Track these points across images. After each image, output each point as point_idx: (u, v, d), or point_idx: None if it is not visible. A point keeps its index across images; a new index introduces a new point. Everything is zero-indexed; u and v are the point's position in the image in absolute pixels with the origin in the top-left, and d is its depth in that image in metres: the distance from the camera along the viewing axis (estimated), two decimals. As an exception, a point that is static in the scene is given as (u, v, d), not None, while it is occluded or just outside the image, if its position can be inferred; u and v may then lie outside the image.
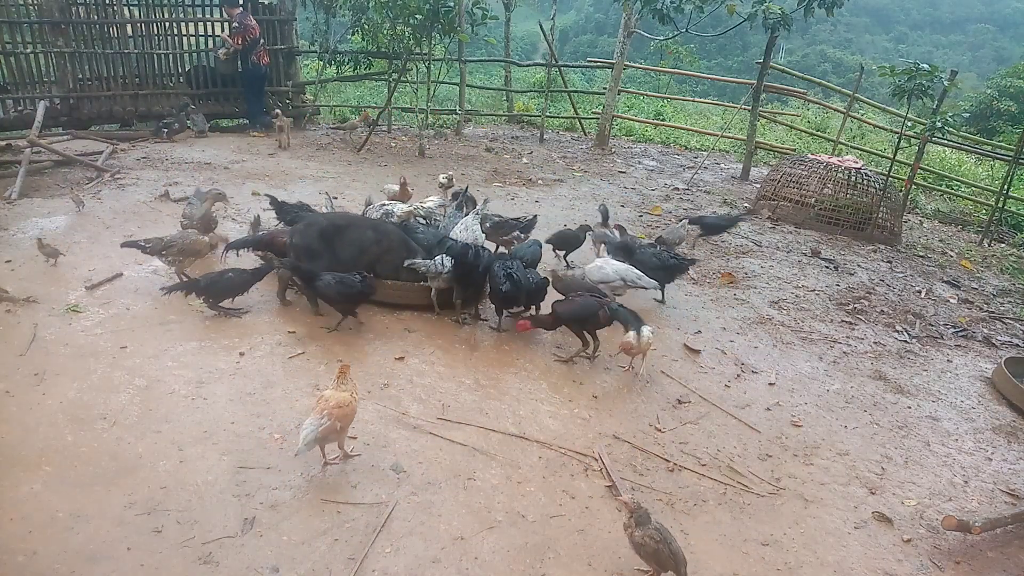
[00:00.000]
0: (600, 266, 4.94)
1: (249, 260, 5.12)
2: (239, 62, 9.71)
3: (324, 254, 4.51)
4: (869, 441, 4.03)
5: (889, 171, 8.76)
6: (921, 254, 8.01)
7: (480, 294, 4.77)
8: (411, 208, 5.56)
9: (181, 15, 9.97)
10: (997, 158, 10.97)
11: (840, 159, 8.76)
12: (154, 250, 4.62)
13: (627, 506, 2.74)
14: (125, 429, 3.26)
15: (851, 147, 11.81)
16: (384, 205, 5.61)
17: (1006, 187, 9.19)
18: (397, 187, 6.29)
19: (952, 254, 8.29)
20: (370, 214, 5.45)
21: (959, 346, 5.58)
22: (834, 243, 7.81)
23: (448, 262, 4.51)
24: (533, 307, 4.74)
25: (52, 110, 8.57)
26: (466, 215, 5.31)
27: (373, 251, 4.63)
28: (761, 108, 10.91)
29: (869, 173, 8.47)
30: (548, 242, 5.69)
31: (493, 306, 4.74)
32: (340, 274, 4.31)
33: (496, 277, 4.46)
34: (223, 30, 9.73)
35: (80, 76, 9.21)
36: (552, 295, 4.70)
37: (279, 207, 5.45)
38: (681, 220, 6.82)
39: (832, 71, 39.28)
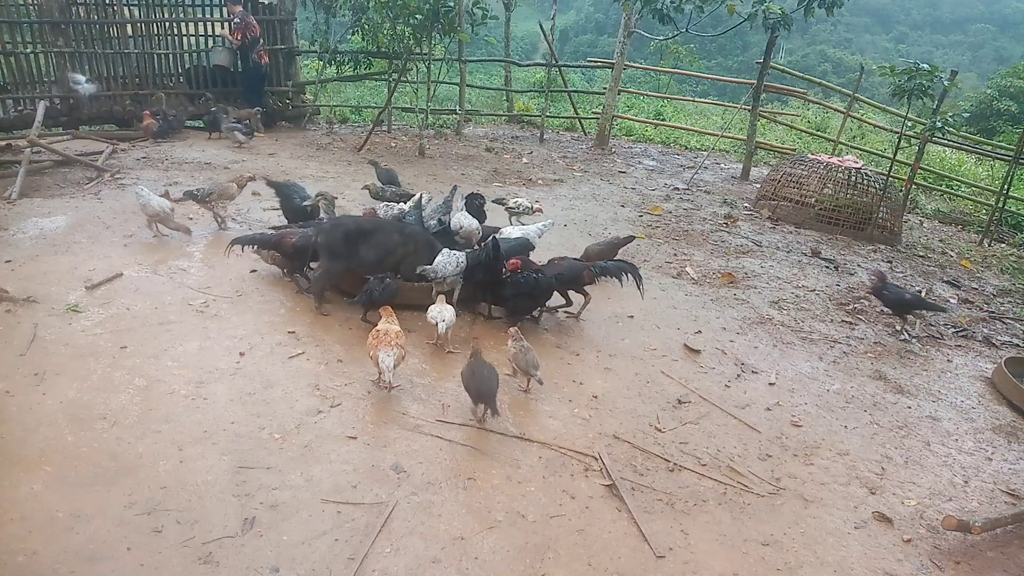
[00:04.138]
0: (462, 218, 5.46)
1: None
2: (239, 61, 9.73)
3: (347, 255, 4.53)
4: (869, 441, 4.03)
5: (889, 171, 8.75)
6: (921, 254, 8.01)
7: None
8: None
9: (181, 15, 9.97)
10: (997, 158, 10.96)
11: (840, 159, 8.76)
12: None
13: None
14: (125, 429, 3.26)
15: (851, 147, 11.81)
16: (390, 207, 5.65)
17: (1006, 187, 9.19)
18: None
19: (952, 254, 8.29)
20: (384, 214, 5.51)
21: (959, 346, 5.58)
22: (834, 243, 7.81)
23: (452, 267, 4.55)
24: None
25: (52, 110, 8.57)
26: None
27: (399, 253, 4.65)
28: (761, 108, 10.91)
29: (869, 173, 8.47)
30: None
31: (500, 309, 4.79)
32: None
33: (513, 286, 4.57)
34: (223, 29, 9.74)
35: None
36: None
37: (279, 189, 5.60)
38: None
39: (832, 71, 39.31)
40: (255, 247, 4.96)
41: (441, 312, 4.20)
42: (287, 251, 4.77)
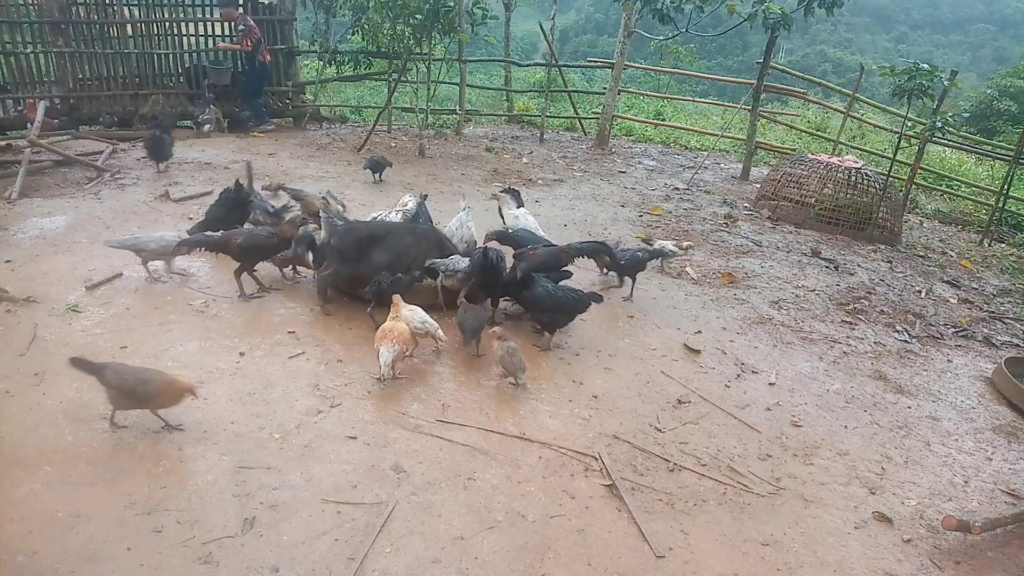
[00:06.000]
0: (461, 223, 5.52)
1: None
2: (244, 65, 9.74)
3: (359, 260, 4.55)
4: (869, 441, 4.03)
5: (889, 171, 8.75)
6: (921, 254, 8.01)
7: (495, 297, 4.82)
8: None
9: (181, 15, 9.96)
10: (997, 158, 10.97)
11: (840, 159, 8.76)
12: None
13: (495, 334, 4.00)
14: (125, 429, 3.26)
15: (851, 147, 11.81)
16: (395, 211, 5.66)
17: (1006, 187, 9.19)
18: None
19: (952, 254, 8.29)
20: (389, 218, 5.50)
21: (959, 346, 5.58)
22: (834, 243, 7.81)
23: (464, 263, 4.57)
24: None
25: (52, 110, 8.57)
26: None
27: (412, 253, 4.69)
28: (761, 108, 10.91)
29: (869, 173, 8.47)
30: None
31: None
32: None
33: (543, 296, 4.49)
34: (223, 31, 9.74)
35: (80, 76, 9.22)
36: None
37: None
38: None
39: (832, 71, 39.35)
40: (202, 249, 4.70)
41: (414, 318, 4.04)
42: (234, 252, 4.60)
